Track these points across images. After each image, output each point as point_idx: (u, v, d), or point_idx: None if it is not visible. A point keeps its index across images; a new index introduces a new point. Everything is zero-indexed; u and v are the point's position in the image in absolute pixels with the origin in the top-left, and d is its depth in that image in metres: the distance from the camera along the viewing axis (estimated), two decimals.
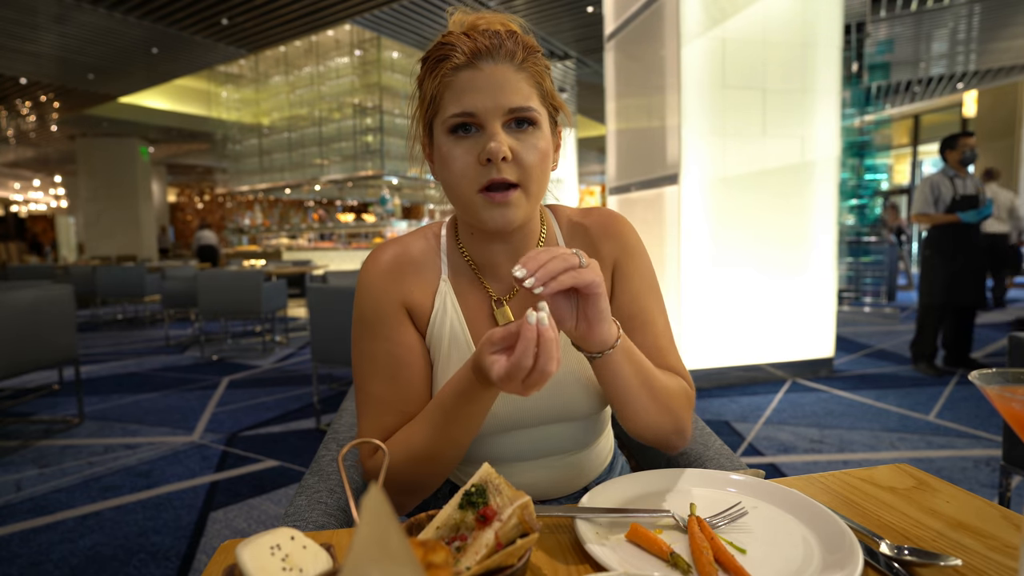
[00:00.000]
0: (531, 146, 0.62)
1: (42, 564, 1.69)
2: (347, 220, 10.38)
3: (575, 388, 0.70)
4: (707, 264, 3.40)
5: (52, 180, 17.26)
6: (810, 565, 0.48)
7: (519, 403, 0.69)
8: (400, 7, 6.31)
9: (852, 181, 5.93)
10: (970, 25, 6.58)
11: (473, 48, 0.60)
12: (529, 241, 0.71)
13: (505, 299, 0.71)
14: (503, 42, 0.61)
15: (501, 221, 0.62)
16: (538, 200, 0.66)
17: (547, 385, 0.66)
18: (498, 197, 0.61)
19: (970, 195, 3.48)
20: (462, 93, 0.61)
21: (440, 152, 0.64)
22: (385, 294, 0.69)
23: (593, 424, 0.75)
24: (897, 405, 3.02)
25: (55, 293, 2.76)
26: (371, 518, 0.22)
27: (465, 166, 0.61)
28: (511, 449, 0.72)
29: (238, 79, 10.12)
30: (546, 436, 0.72)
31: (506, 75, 0.61)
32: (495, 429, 0.70)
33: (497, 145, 0.59)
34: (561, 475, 0.74)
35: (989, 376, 0.43)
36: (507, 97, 0.60)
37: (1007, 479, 1.45)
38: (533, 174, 0.62)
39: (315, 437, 2.73)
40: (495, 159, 0.59)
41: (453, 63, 0.61)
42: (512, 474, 0.72)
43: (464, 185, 0.62)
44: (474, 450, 0.72)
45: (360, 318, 0.70)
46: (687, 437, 0.69)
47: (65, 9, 5.96)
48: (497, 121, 0.61)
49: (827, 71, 3.51)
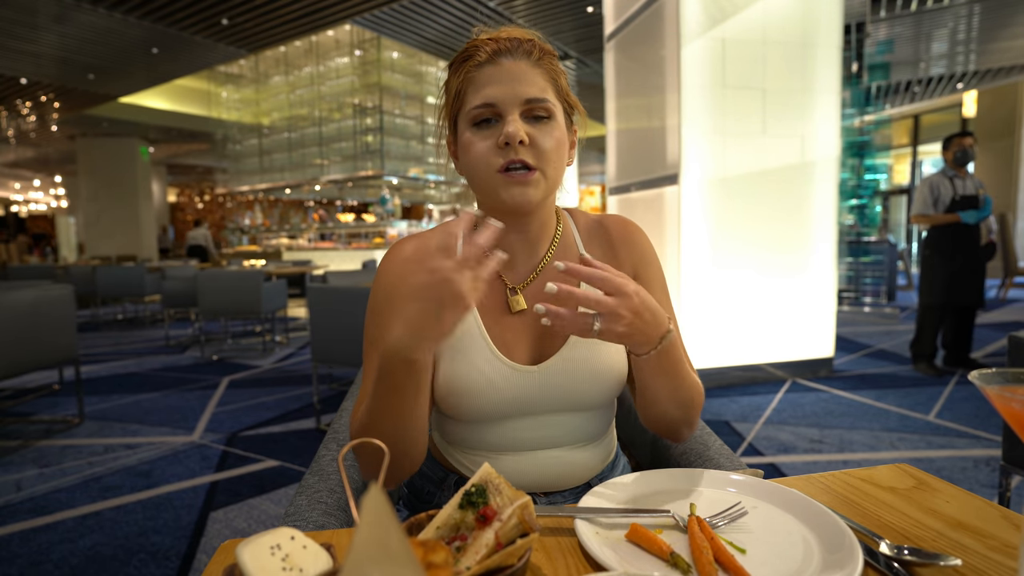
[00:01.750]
0: (547, 134, 0.67)
1: (42, 564, 1.69)
2: (347, 220, 10.37)
3: (584, 377, 0.71)
4: (707, 264, 3.40)
5: (52, 180, 17.26)
6: (810, 565, 0.48)
7: (525, 389, 0.70)
8: (400, 7, 6.31)
9: (852, 181, 5.93)
10: (970, 25, 6.58)
11: (495, 48, 0.67)
12: (544, 234, 0.75)
13: (520, 287, 0.74)
14: (521, 43, 0.68)
15: (521, 199, 0.66)
16: (555, 186, 0.70)
17: (556, 372, 0.71)
18: (517, 177, 0.66)
19: (970, 195, 3.48)
20: (483, 86, 0.66)
21: (463, 143, 0.69)
22: (400, 282, 0.72)
23: (599, 417, 0.76)
24: (897, 405, 3.02)
25: (55, 293, 2.76)
26: (371, 518, 0.22)
27: (485, 150, 0.66)
28: (515, 438, 0.73)
29: (238, 79, 10.12)
30: (551, 425, 0.73)
31: (523, 68, 0.67)
32: (501, 415, 0.71)
33: (515, 129, 0.64)
34: (565, 468, 0.74)
35: (989, 376, 0.43)
36: (524, 88, 0.66)
37: (1007, 479, 1.45)
38: (550, 159, 0.67)
39: (315, 437, 2.73)
40: (512, 142, 0.64)
41: (476, 61, 0.67)
42: (515, 464, 0.73)
43: (484, 167, 0.67)
44: (479, 437, 0.73)
45: (373, 305, 0.73)
46: (695, 429, 0.74)
47: (65, 9, 5.96)
48: (515, 110, 0.66)
49: (827, 71, 3.51)
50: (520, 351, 0.72)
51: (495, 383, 0.70)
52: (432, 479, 0.80)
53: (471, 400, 0.70)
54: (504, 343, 0.72)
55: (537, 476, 0.73)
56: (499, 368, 0.70)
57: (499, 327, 0.72)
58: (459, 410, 0.71)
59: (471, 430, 0.74)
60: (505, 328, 0.73)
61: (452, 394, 0.70)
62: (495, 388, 0.70)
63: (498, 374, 0.70)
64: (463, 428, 0.74)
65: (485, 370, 0.70)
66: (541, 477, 0.73)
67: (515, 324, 0.73)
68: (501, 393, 0.70)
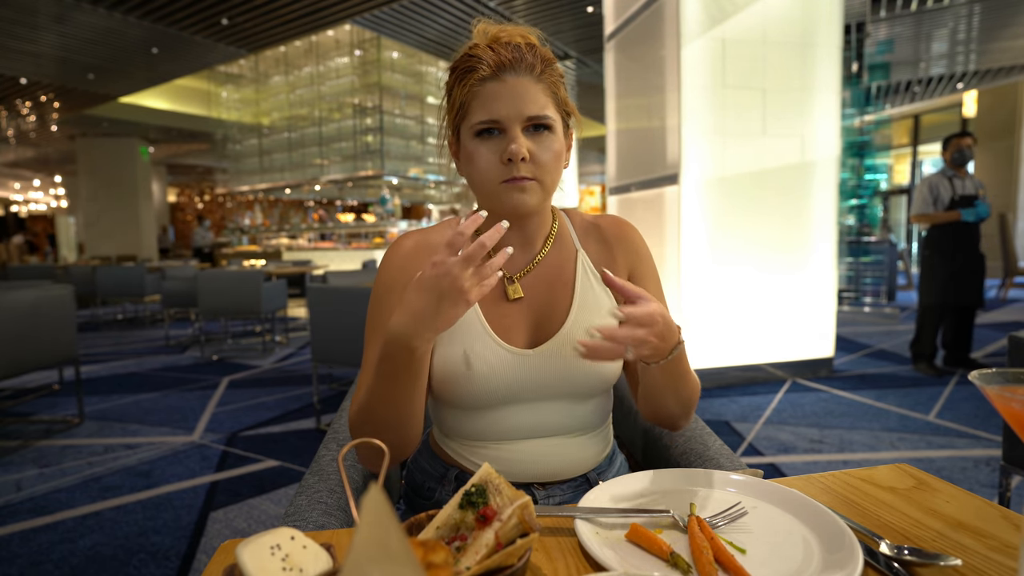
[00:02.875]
0: (546, 147, 0.70)
1: (42, 564, 1.69)
2: (347, 220, 10.37)
3: (581, 360, 0.72)
4: (707, 264, 3.40)
5: (52, 180, 17.26)
6: (810, 565, 0.48)
7: (522, 372, 0.72)
8: (400, 7, 6.31)
9: (852, 181, 5.93)
10: (970, 25, 6.58)
11: (497, 61, 0.68)
12: (540, 232, 0.78)
13: (517, 276, 0.77)
14: (524, 56, 0.69)
15: (519, 203, 0.70)
16: (551, 192, 0.74)
17: (552, 354, 0.73)
18: (517, 183, 0.69)
19: (969, 195, 3.48)
20: (487, 102, 0.69)
21: (467, 151, 0.72)
22: (399, 274, 0.75)
23: (595, 407, 0.78)
24: (897, 405, 3.02)
25: (55, 293, 2.76)
26: (371, 518, 0.23)
27: (489, 164, 0.69)
28: (512, 425, 0.74)
29: (238, 79, 10.12)
30: (549, 413, 0.75)
31: (526, 87, 0.69)
32: (499, 400, 0.73)
33: (518, 147, 0.67)
34: (561, 458, 0.75)
35: (989, 376, 0.43)
36: (527, 106, 0.68)
37: (1007, 479, 1.45)
38: (548, 170, 0.71)
39: (315, 437, 2.73)
40: (515, 159, 0.67)
41: (480, 75, 0.69)
42: (512, 453, 0.74)
43: (487, 179, 0.70)
44: (478, 425, 0.75)
45: (373, 296, 0.77)
46: (691, 420, 0.78)
47: (65, 9, 5.96)
48: (517, 126, 0.69)
49: (827, 71, 3.51)
50: (517, 336, 0.75)
51: (494, 367, 0.72)
52: (432, 475, 0.80)
53: (469, 384, 0.72)
54: (502, 328, 0.74)
55: (534, 466, 0.74)
56: (497, 352, 0.72)
57: (496, 313, 0.75)
58: (457, 395, 0.73)
59: (469, 418, 0.75)
60: (503, 314, 0.75)
61: (450, 379, 0.72)
62: (493, 371, 0.72)
63: (496, 357, 0.72)
64: (461, 417, 0.76)
65: (483, 354, 0.72)
66: (538, 467, 0.75)
67: (512, 311, 0.76)
68: (499, 376, 0.72)
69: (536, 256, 0.78)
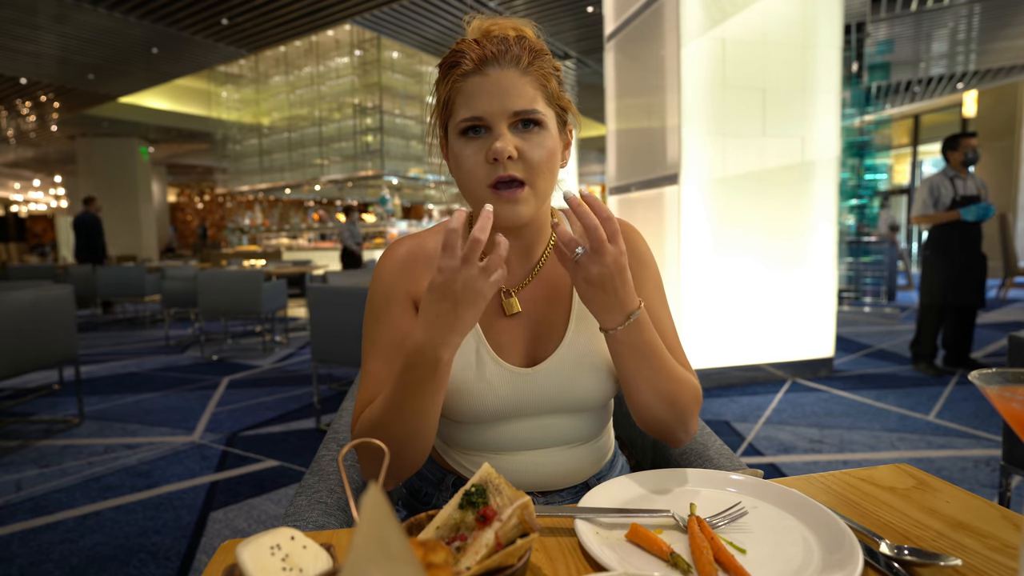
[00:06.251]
0: (536, 145, 0.65)
1: (42, 564, 1.69)
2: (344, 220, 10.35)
3: (578, 378, 0.71)
4: (707, 264, 3.39)
5: (52, 180, 17.27)
6: (810, 565, 0.48)
7: (521, 391, 0.71)
8: (400, 7, 6.31)
9: (852, 181, 5.93)
10: (970, 25, 6.58)
11: (481, 55, 0.64)
12: (539, 240, 0.75)
13: (514, 291, 0.74)
14: (510, 48, 0.64)
15: (510, 216, 0.65)
16: (546, 197, 0.69)
17: (550, 374, 0.71)
18: (506, 194, 0.64)
19: (971, 195, 3.48)
20: (470, 98, 0.64)
21: (453, 152, 0.68)
22: (395, 283, 0.73)
23: (595, 418, 0.76)
24: (897, 405, 3.02)
25: (55, 293, 2.76)
26: (371, 518, 0.22)
27: (474, 165, 0.65)
28: (512, 438, 0.73)
29: (238, 79, 10.13)
30: (547, 427, 0.73)
31: (511, 79, 0.64)
32: (497, 416, 0.71)
33: (502, 145, 0.62)
34: (561, 468, 0.74)
35: (989, 376, 0.43)
36: (512, 101, 0.64)
37: (1007, 479, 1.45)
38: (540, 171, 0.65)
39: (315, 437, 2.73)
40: (501, 158, 0.63)
41: (462, 69, 0.65)
42: (512, 464, 0.73)
43: (474, 182, 0.66)
44: (477, 437, 0.74)
45: (370, 306, 0.74)
46: (692, 433, 0.72)
47: (65, 9, 5.96)
48: (503, 123, 0.64)
49: (827, 71, 3.51)
50: (515, 353, 0.73)
51: (493, 385, 0.70)
52: (430, 480, 0.80)
53: (468, 402, 0.70)
54: (499, 345, 0.72)
55: (534, 476, 0.73)
56: (495, 371, 0.71)
57: (494, 330, 0.73)
58: (456, 411, 0.72)
59: (468, 431, 0.74)
60: (500, 331, 0.73)
61: (449, 395, 0.70)
62: (492, 390, 0.70)
63: (495, 376, 0.70)
64: (460, 429, 0.75)
65: (481, 372, 0.70)
66: (538, 477, 0.74)
67: (510, 327, 0.73)
68: (498, 395, 0.70)
69: (534, 267, 0.75)
